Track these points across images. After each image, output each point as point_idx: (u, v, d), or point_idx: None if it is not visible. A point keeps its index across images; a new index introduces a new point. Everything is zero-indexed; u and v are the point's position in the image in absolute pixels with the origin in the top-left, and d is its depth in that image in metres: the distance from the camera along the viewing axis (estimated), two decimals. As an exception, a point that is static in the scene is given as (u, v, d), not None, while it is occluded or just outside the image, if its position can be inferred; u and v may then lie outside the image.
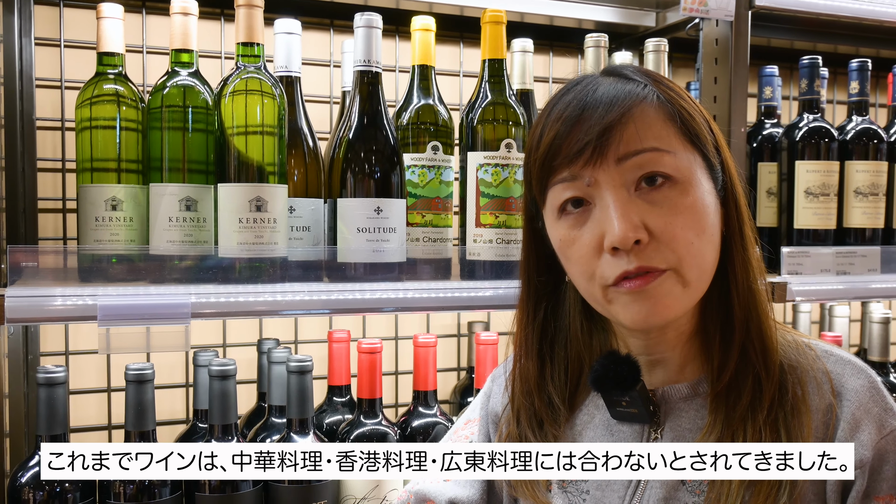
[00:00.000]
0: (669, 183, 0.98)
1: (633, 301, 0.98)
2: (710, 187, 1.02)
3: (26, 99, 1.69)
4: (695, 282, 0.99)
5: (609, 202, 0.97)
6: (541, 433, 1.13)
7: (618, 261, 0.97)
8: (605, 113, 0.97)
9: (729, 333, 1.04)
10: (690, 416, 1.06)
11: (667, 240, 0.97)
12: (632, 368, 1.04)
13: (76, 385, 1.81)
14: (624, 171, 0.97)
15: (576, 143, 0.97)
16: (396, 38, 2.04)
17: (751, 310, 1.04)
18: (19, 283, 1.32)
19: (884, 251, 1.85)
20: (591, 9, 1.94)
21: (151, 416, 1.41)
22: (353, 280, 1.47)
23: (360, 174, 1.48)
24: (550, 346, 1.15)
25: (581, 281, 1.04)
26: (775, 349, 1.04)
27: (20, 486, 1.33)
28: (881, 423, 0.99)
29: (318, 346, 1.98)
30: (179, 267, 1.39)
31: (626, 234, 0.95)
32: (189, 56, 1.45)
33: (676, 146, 0.99)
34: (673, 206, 0.97)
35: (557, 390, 1.14)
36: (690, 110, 1.02)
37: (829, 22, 2.01)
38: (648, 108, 0.99)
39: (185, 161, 1.42)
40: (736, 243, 1.04)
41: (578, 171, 0.98)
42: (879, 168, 1.90)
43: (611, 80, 1.02)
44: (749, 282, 1.04)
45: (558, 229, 1.04)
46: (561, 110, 1.01)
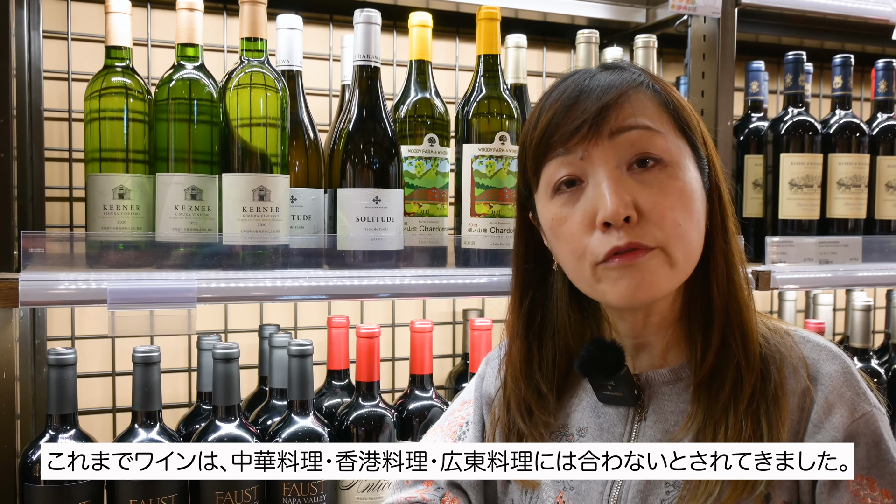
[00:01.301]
0: (660, 166, 1.02)
1: (622, 277, 1.01)
2: (698, 176, 1.06)
3: (34, 90, 1.74)
4: (681, 262, 1.03)
5: (601, 179, 1.01)
6: (531, 420, 1.17)
7: (608, 237, 1.01)
8: (601, 95, 1.02)
9: (710, 323, 1.07)
10: (673, 400, 1.10)
11: (656, 219, 1.01)
12: (616, 354, 1.08)
13: (82, 369, 1.86)
14: (617, 146, 1.02)
15: (573, 122, 1.02)
16: (394, 34, 2.08)
17: (731, 301, 1.07)
18: (30, 268, 1.37)
19: (865, 241, 1.91)
20: (583, 5, 1.99)
21: (157, 398, 1.46)
22: (352, 267, 1.52)
23: (360, 165, 1.54)
24: (538, 335, 1.19)
25: (571, 259, 1.07)
26: (755, 339, 1.07)
27: (31, 464, 1.38)
28: (853, 406, 1.03)
29: (317, 332, 2.04)
30: (185, 253, 1.44)
31: (618, 209, 0.99)
32: (194, 50, 1.50)
33: (668, 130, 1.04)
34: (663, 188, 1.02)
35: (545, 378, 1.17)
36: (682, 101, 1.07)
37: (815, 18, 2.07)
38: (643, 93, 1.04)
39: (190, 151, 1.47)
40: (718, 235, 1.08)
41: (573, 146, 1.02)
42: (861, 160, 1.95)
43: (607, 71, 1.07)
44: (731, 273, 1.08)
45: (551, 208, 1.07)
46: (559, 94, 1.06)
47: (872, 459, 1.02)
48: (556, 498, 1.12)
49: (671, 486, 1.05)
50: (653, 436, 1.09)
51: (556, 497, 1.12)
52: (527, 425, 1.16)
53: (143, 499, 1.40)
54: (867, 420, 1.03)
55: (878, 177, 2.00)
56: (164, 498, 1.42)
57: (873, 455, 1.02)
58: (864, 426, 1.02)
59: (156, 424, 1.46)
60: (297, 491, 1.50)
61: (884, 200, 2.00)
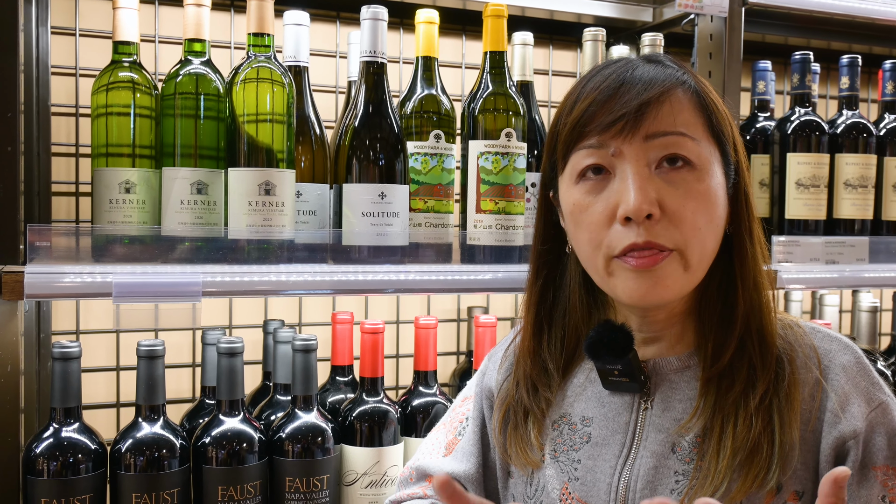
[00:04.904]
0: (688, 167, 1.02)
1: (635, 278, 1.02)
2: (723, 181, 1.06)
3: (42, 86, 1.75)
4: (695, 266, 1.03)
5: (629, 174, 1.01)
6: (535, 397, 1.17)
7: (627, 232, 1.01)
8: (643, 89, 1.01)
9: (728, 323, 1.07)
10: (681, 388, 1.09)
11: (677, 220, 1.01)
12: (625, 336, 1.07)
13: (86, 364, 1.85)
14: (649, 148, 1.01)
15: (611, 114, 1.01)
16: (401, 31, 2.09)
17: (754, 305, 1.07)
18: (35, 261, 1.37)
19: (872, 242, 1.90)
20: (590, 4, 1.99)
21: (161, 392, 1.47)
22: (357, 262, 1.52)
23: (366, 160, 1.54)
24: (549, 314, 1.19)
25: (587, 249, 1.07)
26: (774, 343, 1.07)
27: (35, 457, 1.38)
28: (869, 396, 1.04)
29: (321, 328, 2.04)
30: (190, 247, 1.44)
31: (641, 205, 0.99)
32: (201, 45, 1.50)
33: (701, 136, 1.04)
34: (688, 190, 1.02)
35: (553, 357, 1.18)
36: (719, 106, 1.07)
37: (822, 19, 2.06)
38: (684, 94, 1.04)
39: (196, 146, 1.47)
40: (744, 239, 1.08)
41: (607, 140, 1.02)
42: (868, 161, 1.95)
43: (650, 64, 1.06)
44: (756, 278, 1.08)
45: (574, 194, 1.07)
46: (599, 81, 1.04)
47: (894, 448, 1.02)
48: (561, 489, 1.12)
49: (680, 475, 1.05)
50: (659, 424, 1.08)
51: (561, 488, 1.12)
52: (530, 399, 1.17)
53: (146, 493, 1.40)
54: (884, 409, 1.03)
55: (885, 178, 1.99)
56: (167, 492, 1.42)
57: (894, 444, 1.03)
58: (881, 416, 1.03)
59: (159, 418, 1.46)
60: (300, 486, 1.50)
61: (891, 201, 2.00)
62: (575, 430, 1.14)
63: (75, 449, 1.40)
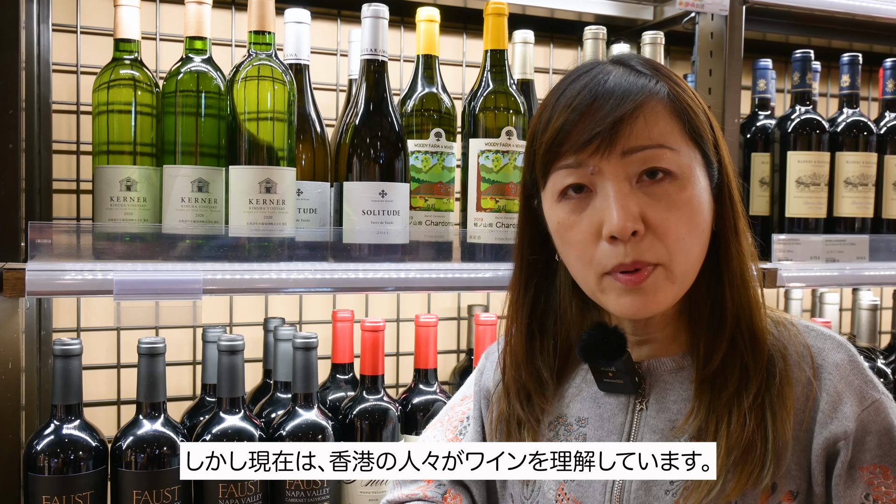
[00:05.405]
0: (669, 178, 1.01)
1: (625, 294, 1.02)
2: (706, 184, 1.06)
3: (43, 83, 1.75)
4: (681, 276, 1.03)
5: (610, 192, 1.01)
6: (528, 406, 1.17)
7: (615, 250, 1.00)
8: (616, 104, 1.00)
9: (718, 323, 1.07)
10: (675, 388, 1.10)
11: (661, 234, 1.00)
12: (618, 339, 1.08)
13: (87, 361, 1.85)
14: (628, 164, 1.00)
15: (585, 133, 1.00)
16: (402, 29, 2.09)
17: (742, 303, 1.07)
18: (37, 258, 1.38)
19: (872, 240, 1.90)
20: (590, 2, 1.99)
21: (162, 389, 1.47)
22: (357, 260, 1.52)
23: (366, 159, 1.54)
24: (541, 322, 1.19)
25: (577, 265, 1.07)
26: (765, 340, 1.07)
27: (36, 454, 1.39)
28: (862, 395, 1.03)
29: (321, 326, 2.04)
30: (191, 245, 1.44)
31: (625, 224, 0.99)
32: (203, 43, 1.51)
33: (680, 143, 1.03)
34: (670, 201, 1.01)
35: (546, 364, 1.17)
36: (695, 108, 1.05)
37: (823, 17, 2.07)
38: (658, 104, 1.02)
39: (197, 144, 1.47)
40: (730, 238, 1.08)
41: (585, 159, 1.01)
42: (869, 159, 1.95)
43: (621, 70, 1.04)
44: (744, 275, 1.07)
45: (557, 212, 1.06)
46: (571, 97, 1.03)
47: (885, 448, 1.02)
48: (556, 490, 1.12)
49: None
50: (654, 425, 1.08)
51: (556, 490, 1.12)
52: (524, 411, 1.17)
53: (147, 490, 1.41)
54: (877, 408, 1.03)
55: (885, 176, 2.00)
56: (167, 490, 1.42)
57: (885, 443, 1.02)
58: (874, 414, 1.02)
59: (160, 416, 1.46)
60: (300, 485, 1.50)
61: (891, 199, 2.00)
62: (571, 430, 1.15)
63: (76, 446, 1.40)
